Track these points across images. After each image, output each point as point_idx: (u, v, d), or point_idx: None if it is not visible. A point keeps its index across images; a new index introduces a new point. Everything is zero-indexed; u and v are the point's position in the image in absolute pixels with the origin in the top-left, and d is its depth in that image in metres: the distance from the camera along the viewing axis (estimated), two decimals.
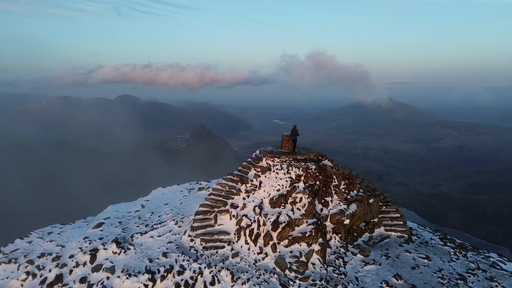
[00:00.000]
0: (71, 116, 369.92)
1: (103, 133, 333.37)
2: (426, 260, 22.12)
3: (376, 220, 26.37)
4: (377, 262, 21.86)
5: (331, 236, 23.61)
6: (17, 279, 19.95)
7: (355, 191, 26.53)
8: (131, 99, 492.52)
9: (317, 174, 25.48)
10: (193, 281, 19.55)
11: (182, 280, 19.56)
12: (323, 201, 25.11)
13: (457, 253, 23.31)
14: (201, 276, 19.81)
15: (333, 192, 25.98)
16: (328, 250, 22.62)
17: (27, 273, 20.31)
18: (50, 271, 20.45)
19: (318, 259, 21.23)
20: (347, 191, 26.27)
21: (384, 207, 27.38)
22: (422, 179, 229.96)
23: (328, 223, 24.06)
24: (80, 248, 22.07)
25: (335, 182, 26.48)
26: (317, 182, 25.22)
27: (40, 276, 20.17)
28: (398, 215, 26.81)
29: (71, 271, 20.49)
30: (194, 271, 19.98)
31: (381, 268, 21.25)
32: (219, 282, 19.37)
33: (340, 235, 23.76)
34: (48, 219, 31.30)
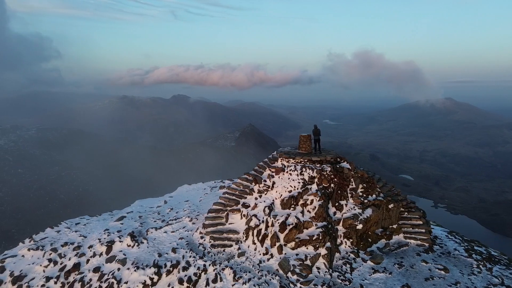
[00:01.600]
0: (130, 114, 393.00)
1: (159, 130, 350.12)
2: (443, 272, 20.66)
3: (395, 226, 25.11)
4: (387, 270, 20.84)
5: (342, 241, 22.90)
6: (40, 265, 21.79)
7: (373, 195, 25.47)
8: (184, 99, 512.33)
9: (332, 176, 24.82)
10: (196, 278, 20.03)
11: (185, 276, 20.13)
12: (337, 204, 24.42)
13: (481, 266, 21.48)
14: (204, 273, 20.24)
15: (349, 195, 25.15)
16: (337, 255, 21.97)
17: (50, 260, 22.11)
18: (69, 259, 22.09)
19: (324, 263, 20.72)
20: (364, 195, 25.30)
21: (406, 213, 25.95)
22: (485, 186, 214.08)
23: (340, 227, 23.36)
24: (99, 239, 23.55)
25: (352, 185, 25.62)
26: (332, 185, 24.56)
27: (61, 264, 21.85)
28: (421, 222, 25.27)
29: (88, 261, 21.97)
30: (198, 268, 20.47)
31: (391, 277, 20.23)
32: (221, 280, 19.64)
33: (351, 240, 22.95)
34: (106, 210, 33.72)
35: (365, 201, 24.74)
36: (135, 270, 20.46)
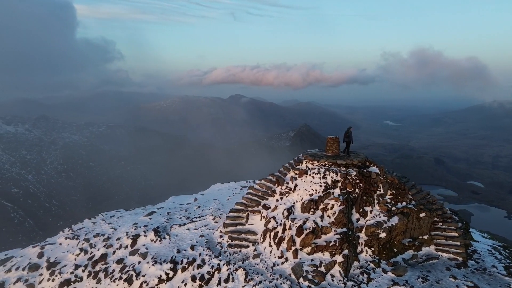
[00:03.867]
0: (190, 113, 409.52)
1: (216, 129, 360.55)
2: None
3: (426, 237, 23.36)
4: (409, 284, 19.45)
5: (362, 249, 21.82)
6: (73, 254, 23.60)
7: (403, 203, 23.92)
8: (241, 99, 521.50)
9: (358, 181, 23.75)
10: (209, 276, 20.35)
11: (199, 273, 20.54)
12: (361, 210, 23.31)
13: None
14: (218, 272, 20.49)
15: (376, 201, 23.89)
16: (356, 263, 20.99)
17: (81, 249, 23.85)
18: (98, 249, 23.64)
19: (340, 271, 19.91)
20: (393, 202, 23.85)
21: (440, 223, 24.01)
22: None
23: (362, 234, 22.28)
24: (127, 232, 24.90)
25: (380, 191, 24.30)
26: (357, 190, 23.50)
27: (90, 253, 23.47)
28: (456, 234, 23.22)
29: (114, 252, 23.33)
30: (212, 267, 20.79)
31: None
32: (232, 281, 19.76)
33: (373, 249, 21.77)
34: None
35: (393, 208, 23.31)
36: (153, 265, 21.34)
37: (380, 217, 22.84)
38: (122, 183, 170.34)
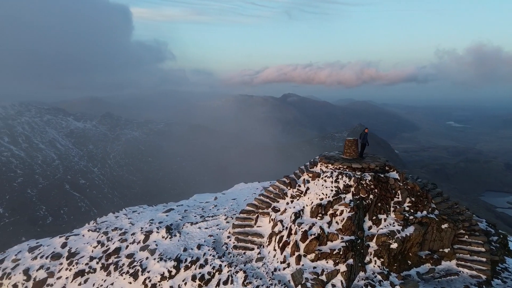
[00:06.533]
0: (243, 112, 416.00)
1: (268, 128, 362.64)
2: None
3: (447, 250, 21.34)
4: None
5: (371, 259, 20.47)
6: (91, 246, 24.89)
7: (424, 212, 22.07)
8: (294, 97, 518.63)
9: (372, 186, 22.34)
10: (209, 277, 20.39)
11: (200, 273, 20.65)
12: (374, 218, 21.91)
13: None
14: (219, 273, 20.47)
15: (391, 209, 22.31)
16: (361, 274, 19.76)
17: (98, 242, 25.10)
18: (113, 243, 24.69)
19: (342, 281, 18.86)
20: (411, 211, 22.10)
21: (466, 236, 21.80)
22: None
23: (372, 243, 20.92)
24: (141, 228, 25.76)
25: (398, 198, 22.65)
26: (371, 196, 22.13)
27: (106, 246, 24.59)
28: (483, 249, 20.93)
29: (127, 247, 24.25)
30: (213, 267, 20.79)
31: None
32: (231, 283, 19.63)
33: (382, 260, 20.33)
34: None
35: (410, 217, 21.61)
36: (158, 261, 21.85)
37: (394, 226, 21.31)
38: (177, 178, 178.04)
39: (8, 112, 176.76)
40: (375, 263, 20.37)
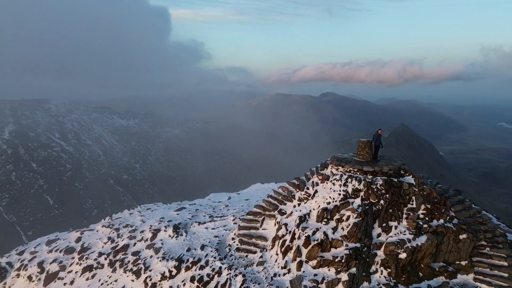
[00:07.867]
0: (281, 111, 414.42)
1: (306, 127, 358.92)
2: None
3: (464, 263, 19.54)
4: None
5: (377, 269, 19.17)
6: (102, 241, 25.48)
7: (440, 220, 20.38)
8: (333, 96, 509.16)
9: (384, 191, 20.96)
10: (208, 279, 20.11)
11: (199, 275, 20.44)
12: (384, 224, 20.53)
13: None
14: (218, 276, 20.14)
15: (404, 216, 20.79)
16: (365, 284, 18.56)
17: (109, 238, 25.64)
18: (123, 240, 25.12)
19: None
20: (426, 218, 20.46)
21: (487, 249, 19.87)
22: None
23: (380, 252, 19.60)
24: (150, 226, 26.00)
25: (412, 204, 21.08)
26: (382, 201, 20.78)
27: (116, 243, 25.07)
28: (506, 263, 18.94)
29: (134, 244, 24.57)
30: (213, 269, 20.50)
31: None
32: (229, 286, 19.23)
33: (389, 270, 18.96)
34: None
35: (424, 225, 20.03)
36: (160, 260, 21.89)
37: (405, 234, 19.85)
38: (215, 176, 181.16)
39: (59, 110, 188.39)
40: (381, 274, 19.08)
